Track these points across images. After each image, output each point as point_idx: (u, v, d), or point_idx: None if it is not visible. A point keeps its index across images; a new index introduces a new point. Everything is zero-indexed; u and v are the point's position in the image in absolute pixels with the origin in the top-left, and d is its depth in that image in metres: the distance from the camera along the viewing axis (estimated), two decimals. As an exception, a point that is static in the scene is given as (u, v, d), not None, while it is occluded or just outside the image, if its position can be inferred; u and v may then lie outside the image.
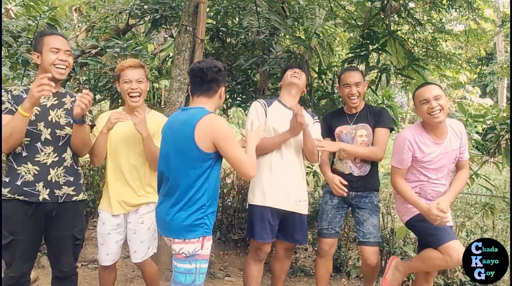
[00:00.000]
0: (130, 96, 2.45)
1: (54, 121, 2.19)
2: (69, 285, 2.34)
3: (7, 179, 2.11)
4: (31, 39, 3.64)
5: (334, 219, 2.92)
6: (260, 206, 2.63)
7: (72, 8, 6.87)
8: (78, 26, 6.29)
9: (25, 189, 2.10)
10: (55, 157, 2.18)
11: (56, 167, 2.17)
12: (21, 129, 2.04)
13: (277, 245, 2.82)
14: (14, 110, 2.08)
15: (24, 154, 2.13)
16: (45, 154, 2.16)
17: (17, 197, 2.09)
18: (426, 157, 2.52)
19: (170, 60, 5.22)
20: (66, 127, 2.23)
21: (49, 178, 2.14)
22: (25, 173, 2.11)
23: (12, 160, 2.14)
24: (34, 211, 2.11)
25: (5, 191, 2.09)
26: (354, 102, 2.90)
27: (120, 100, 4.56)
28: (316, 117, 2.93)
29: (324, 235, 2.92)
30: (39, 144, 2.14)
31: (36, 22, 3.64)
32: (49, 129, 2.18)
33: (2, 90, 2.16)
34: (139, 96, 2.45)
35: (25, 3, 3.86)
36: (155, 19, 4.05)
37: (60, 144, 2.20)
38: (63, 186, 2.19)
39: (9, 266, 2.13)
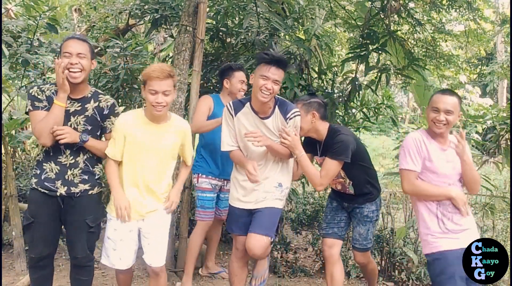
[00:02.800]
0: (155, 107, 2.32)
1: (72, 127, 2.35)
2: (85, 274, 2.51)
3: (37, 171, 2.38)
4: (31, 39, 3.63)
5: (332, 220, 2.99)
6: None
7: (72, 8, 6.87)
8: (78, 26, 6.29)
9: (46, 184, 2.34)
10: (71, 159, 2.38)
11: (73, 168, 2.38)
12: (61, 118, 2.28)
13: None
14: (49, 106, 2.29)
15: (51, 153, 2.36)
16: (65, 156, 2.37)
17: (39, 189, 2.34)
18: (433, 163, 2.39)
19: (170, 60, 5.22)
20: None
21: (66, 177, 2.37)
22: (49, 170, 2.36)
23: (42, 155, 2.39)
24: (52, 200, 2.36)
25: (32, 181, 2.39)
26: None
27: (120, 100, 4.55)
28: (295, 111, 2.60)
29: (323, 235, 3.02)
30: (62, 146, 2.35)
31: (36, 22, 3.64)
32: None
33: (35, 88, 2.35)
34: (165, 106, 2.33)
35: (25, 3, 3.87)
36: (155, 19, 4.05)
37: (74, 149, 2.38)
38: (79, 184, 2.39)
39: (30, 248, 2.43)
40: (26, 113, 2.40)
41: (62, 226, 2.48)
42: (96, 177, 2.47)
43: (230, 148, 2.65)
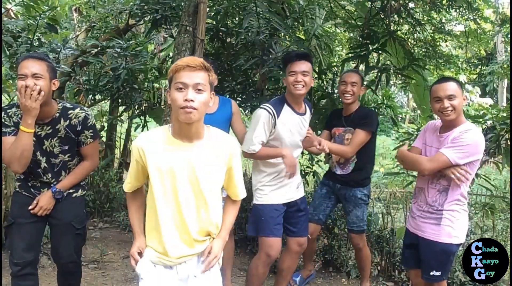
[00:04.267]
0: (183, 110, 1.62)
1: (48, 150, 2.29)
2: (72, 278, 2.46)
3: (21, 177, 2.34)
4: (31, 39, 3.63)
5: (319, 206, 3.23)
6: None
7: (72, 8, 6.86)
8: (78, 26, 6.28)
9: (32, 190, 2.34)
10: (53, 180, 2.35)
11: (56, 182, 2.37)
12: (29, 145, 2.14)
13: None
14: (17, 130, 2.14)
15: (33, 176, 2.33)
16: (46, 178, 2.34)
17: (24, 193, 2.33)
18: None
19: (170, 60, 5.22)
20: (60, 155, 2.33)
21: (51, 185, 2.35)
22: (34, 181, 2.35)
23: (21, 176, 2.36)
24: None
25: (16, 184, 2.38)
26: (347, 99, 3.07)
27: (120, 100, 4.55)
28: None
29: (308, 219, 3.09)
30: (40, 171, 2.31)
31: (36, 22, 3.64)
32: (45, 158, 2.30)
33: (3, 113, 2.21)
34: (197, 109, 1.61)
35: (25, 3, 3.87)
36: (155, 19, 4.05)
37: (55, 170, 2.34)
38: (63, 193, 2.37)
39: (12, 254, 2.27)
40: None
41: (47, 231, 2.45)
42: (81, 183, 2.46)
43: (259, 147, 2.62)
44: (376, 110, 4.18)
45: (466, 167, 2.33)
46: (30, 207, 2.27)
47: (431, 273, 2.42)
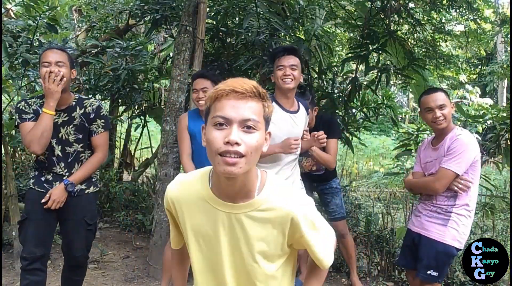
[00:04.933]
0: (223, 159, 1.10)
1: (64, 138, 2.38)
2: (79, 274, 2.53)
3: (35, 173, 2.43)
4: (31, 39, 3.63)
5: None
6: None
7: (72, 8, 6.87)
8: (78, 26, 6.29)
9: (45, 185, 2.40)
10: (66, 172, 2.41)
11: (69, 175, 2.43)
12: (50, 126, 2.28)
13: None
14: (36, 117, 2.31)
15: (46, 164, 2.40)
16: (59, 168, 2.40)
17: (37, 188, 2.39)
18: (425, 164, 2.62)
19: (170, 60, 5.22)
20: (74, 144, 2.41)
21: (64, 178, 2.40)
22: (47, 175, 2.41)
23: (36, 165, 2.44)
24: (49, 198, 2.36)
25: (30, 182, 2.44)
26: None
27: (120, 100, 4.55)
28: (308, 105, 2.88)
29: None
30: (55, 159, 2.39)
31: (36, 22, 3.64)
32: (60, 146, 2.39)
33: (23, 102, 2.39)
34: (244, 157, 1.10)
35: (25, 3, 3.86)
36: (155, 19, 4.05)
37: (69, 160, 2.42)
38: (75, 186, 2.41)
39: (23, 248, 2.36)
40: (16, 126, 2.44)
41: (58, 227, 2.49)
42: (93, 179, 2.53)
43: None
44: (376, 110, 4.19)
45: (465, 176, 2.40)
46: (43, 200, 2.32)
47: (429, 272, 2.44)
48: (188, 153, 2.92)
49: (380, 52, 4.23)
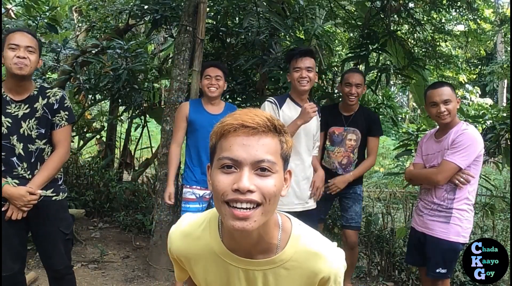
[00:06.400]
0: (233, 212, 0.92)
1: (26, 134, 2.12)
2: (66, 283, 2.33)
3: None
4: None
5: (320, 206, 3.13)
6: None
7: (72, 8, 6.86)
8: (78, 26, 6.29)
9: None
10: (29, 173, 2.14)
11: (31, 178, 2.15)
12: None
13: None
14: None
15: (3, 168, 2.10)
16: (21, 168, 2.13)
17: None
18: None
19: (170, 60, 5.22)
20: (37, 140, 2.15)
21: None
22: (9, 180, 2.11)
23: None
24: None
25: None
26: (351, 101, 3.07)
27: (120, 100, 4.55)
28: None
29: (318, 220, 3.14)
30: (15, 159, 2.10)
31: (36, 22, 3.64)
32: (22, 144, 2.11)
33: None
34: (258, 207, 0.92)
35: (25, 3, 3.86)
36: (155, 19, 4.05)
37: (32, 160, 2.14)
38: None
39: (2, 266, 2.11)
40: None
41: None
42: (59, 183, 2.26)
43: None
44: (376, 110, 4.18)
45: (468, 170, 2.40)
46: (3, 209, 2.05)
47: (437, 270, 2.46)
48: (179, 143, 2.98)
49: (380, 52, 4.23)
